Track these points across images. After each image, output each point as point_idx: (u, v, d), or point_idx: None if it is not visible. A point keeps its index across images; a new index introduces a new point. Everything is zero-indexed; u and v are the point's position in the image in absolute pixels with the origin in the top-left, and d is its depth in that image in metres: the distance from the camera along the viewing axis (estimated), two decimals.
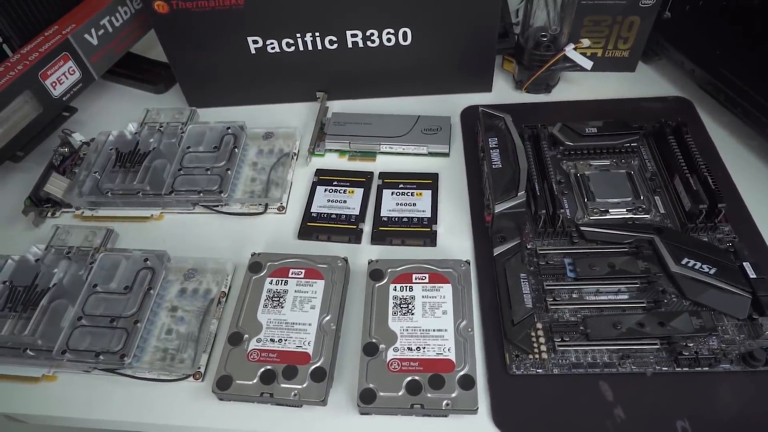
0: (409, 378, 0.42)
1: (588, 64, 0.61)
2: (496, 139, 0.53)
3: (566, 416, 0.41)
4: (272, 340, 0.45)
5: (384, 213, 0.55)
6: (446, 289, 0.47)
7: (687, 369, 0.42)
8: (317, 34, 0.61)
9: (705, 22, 0.64)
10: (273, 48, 0.62)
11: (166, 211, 0.58)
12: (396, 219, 0.54)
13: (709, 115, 0.61)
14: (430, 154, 0.61)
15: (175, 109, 0.65)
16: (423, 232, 0.53)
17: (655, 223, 0.51)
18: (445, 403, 0.41)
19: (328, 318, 0.46)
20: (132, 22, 0.68)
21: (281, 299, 0.47)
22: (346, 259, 0.50)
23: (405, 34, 0.61)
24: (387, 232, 0.54)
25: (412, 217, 0.54)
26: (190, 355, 0.46)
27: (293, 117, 0.67)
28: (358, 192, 0.57)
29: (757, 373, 0.42)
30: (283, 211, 0.57)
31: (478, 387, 0.41)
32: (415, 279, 0.48)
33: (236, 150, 0.59)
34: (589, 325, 0.44)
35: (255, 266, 0.49)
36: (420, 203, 0.56)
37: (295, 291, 0.48)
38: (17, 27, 0.60)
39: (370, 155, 0.61)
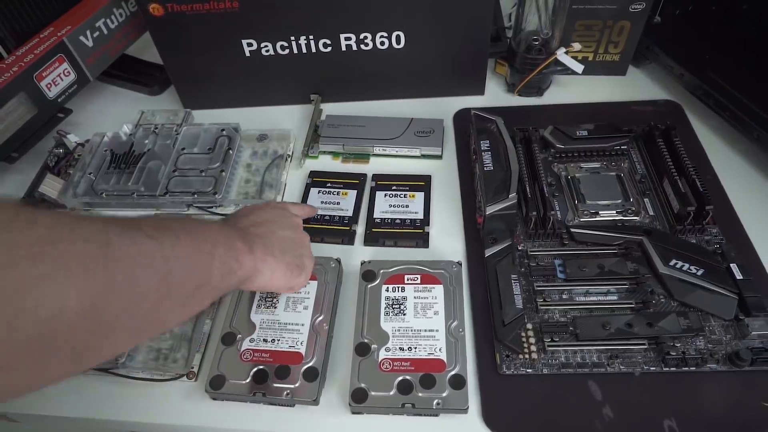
0: (400, 378, 0.42)
1: (579, 67, 0.62)
2: (488, 141, 0.54)
3: (555, 415, 0.42)
4: (265, 340, 0.45)
5: (377, 214, 0.55)
6: (438, 290, 0.47)
7: (674, 369, 0.43)
8: (311, 37, 0.61)
9: (694, 27, 0.65)
10: (267, 51, 0.63)
11: (160, 212, 0.58)
12: (389, 220, 0.55)
13: (697, 118, 0.62)
14: (423, 156, 0.61)
15: (170, 111, 0.65)
16: (415, 233, 0.54)
17: (644, 225, 0.51)
18: (435, 402, 0.41)
19: (320, 318, 0.46)
20: (127, 24, 0.68)
21: (274, 299, 0.47)
22: (339, 260, 0.50)
23: (398, 37, 0.61)
24: (380, 233, 0.54)
25: (405, 219, 0.55)
26: (184, 354, 0.46)
27: (287, 119, 0.67)
28: (352, 194, 0.58)
29: (743, 372, 0.43)
30: None
31: (468, 386, 0.42)
32: (407, 280, 0.48)
33: (230, 152, 0.59)
34: (579, 326, 0.45)
35: None
36: (412, 205, 0.56)
37: None
38: (12, 28, 0.61)
39: (364, 157, 0.62)
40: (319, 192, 0.58)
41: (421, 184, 0.58)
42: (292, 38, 0.62)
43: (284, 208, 0.48)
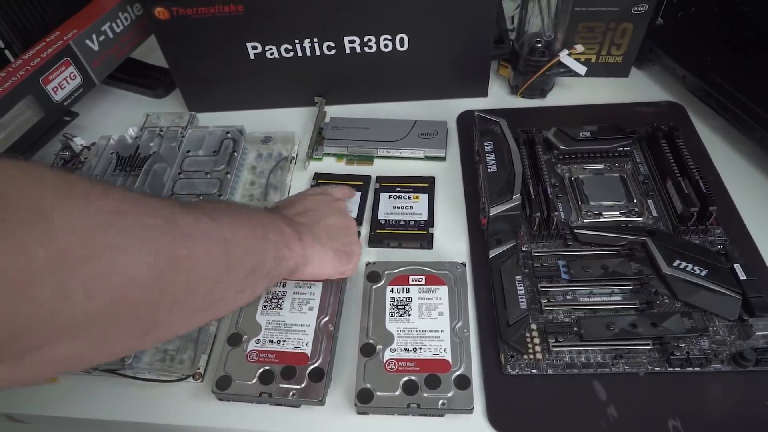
0: (405, 378, 0.43)
1: (582, 69, 0.62)
2: (492, 143, 0.54)
3: (560, 415, 0.42)
4: (271, 341, 0.45)
5: (381, 216, 0.56)
6: (442, 291, 0.48)
7: (679, 369, 0.43)
8: (315, 40, 0.62)
9: (696, 29, 0.65)
10: (272, 54, 0.63)
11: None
12: (393, 222, 0.55)
13: (700, 119, 0.62)
14: (427, 158, 0.61)
15: (175, 114, 0.66)
16: (420, 234, 0.54)
17: (648, 226, 0.51)
18: (441, 402, 0.41)
19: (326, 319, 0.46)
20: (132, 27, 0.69)
21: (280, 301, 0.48)
22: None
23: (402, 40, 0.62)
24: (384, 234, 0.54)
25: (409, 220, 0.55)
26: (190, 356, 0.46)
27: (292, 121, 0.67)
28: (356, 195, 0.58)
29: (747, 373, 0.43)
30: None
31: (473, 387, 0.42)
32: (412, 281, 0.48)
33: (235, 154, 0.60)
34: (583, 326, 0.45)
35: None
36: (417, 206, 0.56)
37: (294, 293, 0.48)
38: (19, 32, 0.61)
39: (368, 159, 0.62)
40: None
41: (425, 185, 0.58)
42: (297, 41, 0.62)
43: (326, 193, 0.48)
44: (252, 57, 0.63)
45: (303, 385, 0.43)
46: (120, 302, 0.24)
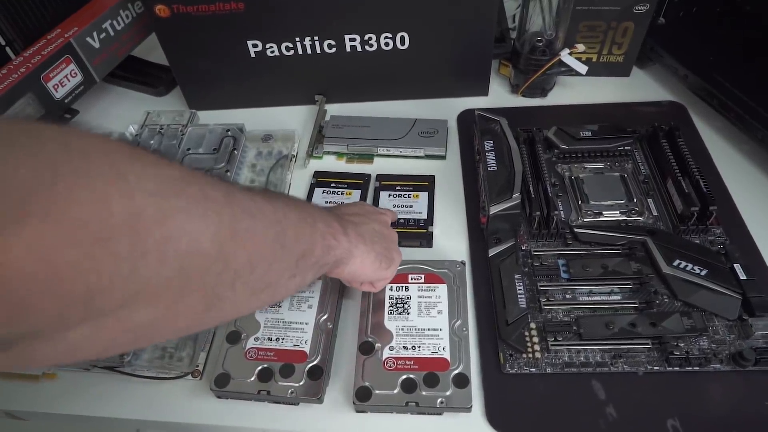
0: (404, 376, 0.42)
1: (583, 68, 0.62)
2: (492, 142, 0.54)
3: (559, 414, 0.42)
4: (270, 339, 0.45)
5: None
6: (441, 290, 0.47)
7: (678, 368, 0.43)
8: (316, 38, 0.62)
9: (698, 28, 0.65)
10: (272, 51, 0.63)
11: None
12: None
13: (702, 119, 0.62)
14: (427, 156, 0.61)
15: (176, 112, 0.66)
16: (419, 233, 0.54)
17: (648, 226, 0.51)
18: (439, 401, 0.41)
19: (325, 317, 0.46)
20: (133, 25, 0.69)
21: None
22: None
23: (402, 38, 0.62)
24: None
25: (409, 219, 0.55)
26: (189, 353, 0.46)
27: (292, 120, 0.67)
28: (356, 194, 0.58)
29: (747, 372, 0.43)
30: None
31: (472, 385, 0.42)
32: (411, 279, 0.48)
33: (235, 152, 0.60)
34: (582, 325, 0.45)
35: None
36: (416, 205, 0.56)
37: None
38: (20, 30, 0.61)
39: (368, 158, 0.62)
40: (323, 192, 0.58)
41: (425, 184, 0.58)
42: (297, 39, 0.62)
43: (372, 207, 0.50)
44: (253, 55, 0.63)
45: (301, 383, 0.43)
46: (189, 268, 0.25)
